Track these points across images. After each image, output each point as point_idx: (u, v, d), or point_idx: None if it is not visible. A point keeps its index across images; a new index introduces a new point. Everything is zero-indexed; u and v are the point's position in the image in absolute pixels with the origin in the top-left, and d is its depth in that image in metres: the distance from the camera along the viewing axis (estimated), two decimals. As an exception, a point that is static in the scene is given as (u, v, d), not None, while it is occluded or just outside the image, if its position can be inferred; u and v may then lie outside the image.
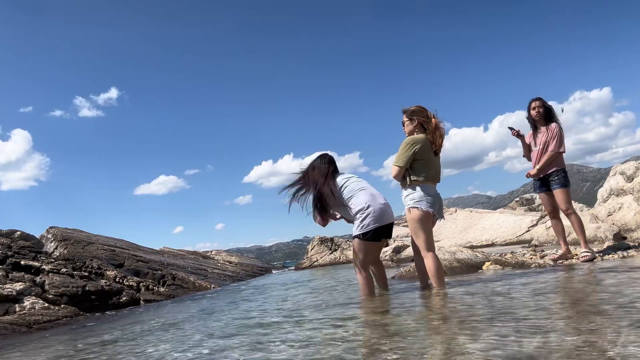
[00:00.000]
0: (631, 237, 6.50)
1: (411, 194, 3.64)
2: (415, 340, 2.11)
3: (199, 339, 2.97)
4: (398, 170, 3.66)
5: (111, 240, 11.59)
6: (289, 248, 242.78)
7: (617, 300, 2.41)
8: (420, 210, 3.58)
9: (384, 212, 3.61)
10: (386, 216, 3.62)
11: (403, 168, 3.65)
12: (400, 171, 3.66)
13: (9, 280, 6.02)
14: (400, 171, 3.66)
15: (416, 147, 3.61)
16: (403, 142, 3.69)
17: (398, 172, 3.67)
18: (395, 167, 3.68)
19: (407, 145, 3.64)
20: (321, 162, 3.86)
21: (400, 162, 3.65)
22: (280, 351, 2.22)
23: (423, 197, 3.60)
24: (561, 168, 4.84)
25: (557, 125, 4.85)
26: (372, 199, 3.62)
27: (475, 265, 5.04)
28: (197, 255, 15.20)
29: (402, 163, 3.63)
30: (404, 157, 3.63)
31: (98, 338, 3.77)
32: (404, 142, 3.68)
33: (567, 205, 4.79)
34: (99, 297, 6.45)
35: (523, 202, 15.71)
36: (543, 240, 8.86)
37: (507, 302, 2.73)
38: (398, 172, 3.67)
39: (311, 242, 16.53)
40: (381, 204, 3.62)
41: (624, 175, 7.48)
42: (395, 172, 3.68)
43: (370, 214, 3.55)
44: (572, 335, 1.81)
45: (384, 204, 3.67)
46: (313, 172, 3.82)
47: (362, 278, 3.71)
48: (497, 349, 1.72)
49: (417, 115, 3.74)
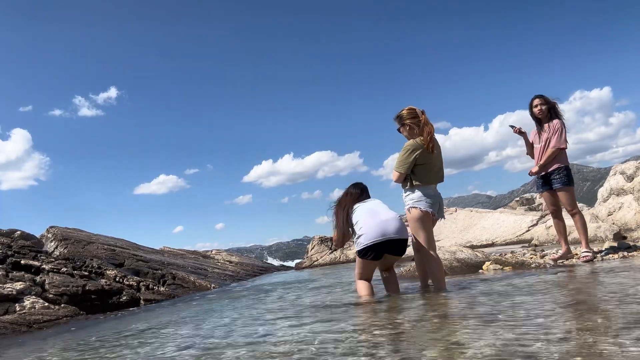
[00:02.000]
0: (631, 236, 6.50)
1: (410, 194, 3.67)
2: (415, 340, 2.11)
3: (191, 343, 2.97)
4: (399, 176, 3.68)
5: (111, 239, 11.59)
6: (289, 248, 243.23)
7: (617, 300, 2.41)
8: (419, 210, 3.60)
9: (381, 229, 3.51)
10: (385, 231, 3.50)
11: (404, 174, 3.66)
12: (401, 177, 3.68)
13: (9, 279, 6.02)
14: (401, 177, 3.68)
15: (416, 153, 3.60)
16: (404, 146, 3.69)
17: (399, 177, 3.69)
18: (396, 172, 3.69)
19: (407, 152, 3.63)
20: (353, 189, 3.95)
21: (401, 169, 3.65)
22: (280, 351, 2.22)
23: (422, 197, 3.62)
24: (564, 165, 4.73)
25: (559, 122, 4.76)
26: (370, 216, 3.60)
27: (476, 265, 5.04)
28: (197, 255, 15.20)
29: (404, 170, 3.64)
30: (405, 163, 3.63)
31: (97, 338, 3.77)
32: (404, 147, 3.67)
33: (573, 206, 4.71)
34: (99, 296, 6.45)
35: (523, 201, 15.72)
36: (543, 240, 8.85)
37: (507, 302, 2.72)
38: (399, 178, 3.69)
39: (311, 242, 16.54)
40: (381, 220, 3.55)
41: (624, 175, 7.48)
42: (396, 177, 3.70)
43: (364, 232, 3.54)
44: (572, 335, 1.81)
45: (384, 220, 3.56)
46: (345, 198, 3.90)
47: (357, 284, 3.79)
48: (497, 348, 1.72)
49: (406, 118, 3.74)
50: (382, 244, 3.51)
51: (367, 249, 3.51)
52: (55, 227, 10.66)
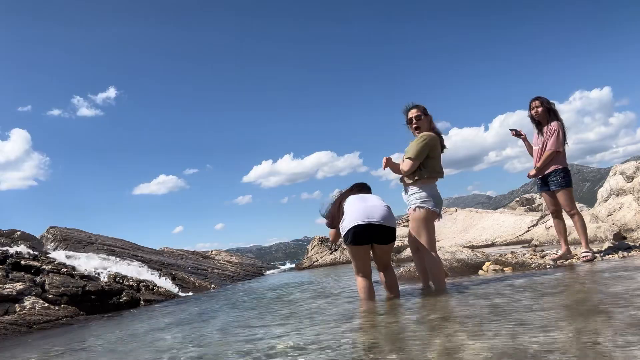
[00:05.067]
0: (631, 237, 6.50)
1: (418, 192, 3.60)
2: (416, 340, 2.11)
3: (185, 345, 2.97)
4: (412, 164, 3.59)
5: (111, 240, 11.59)
6: (289, 248, 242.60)
7: (617, 300, 2.40)
8: (426, 209, 3.56)
9: (366, 212, 3.33)
10: (369, 216, 3.31)
11: (417, 163, 3.59)
12: (414, 165, 3.59)
13: (9, 280, 6.02)
14: (415, 165, 3.59)
15: (432, 144, 3.60)
16: (420, 136, 3.66)
17: (412, 165, 3.59)
18: (410, 160, 3.60)
19: (423, 141, 3.60)
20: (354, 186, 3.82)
21: (416, 156, 3.57)
22: (279, 351, 2.22)
23: (428, 197, 3.58)
24: (562, 167, 4.75)
25: (557, 124, 4.77)
26: (358, 200, 3.46)
27: (476, 265, 5.04)
28: (197, 255, 15.20)
29: (419, 158, 3.58)
30: (420, 152, 3.58)
31: (94, 338, 3.77)
32: (421, 136, 3.64)
33: (571, 206, 4.73)
34: (99, 297, 6.45)
35: (523, 202, 15.72)
36: (543, 240, 8.86)
37: (507, 302, 2.72)
38: (412, 166, 3.59)
39: (311, 242, 16.54)
40: (367, 205, 3.39)
41: (624, 175, 7.48)
42: (410, 165, 3.59)
43: (348, 216, 3.38)
44: (572, 336, 1.81)
45: (371, 206, 3.39)
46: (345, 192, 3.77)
47: (357, 283, 3.61)
48: (497, 349, 1.72)
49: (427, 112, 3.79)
50: (365, 228, 3.29)
51: (348, 231, 3.32)
52: (55, 228, 10.66)
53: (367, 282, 3.53)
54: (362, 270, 3.51)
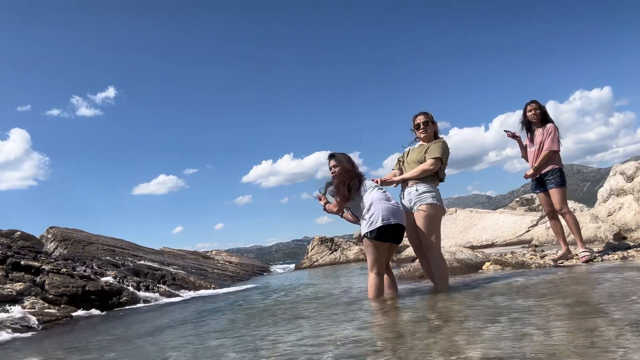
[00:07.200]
0: (631, 237, 6.50)
1: (430, 191, 3.70)
2: (416, 340, 2.11)
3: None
4: (437, 164, 3.73)
5: (111, 240, 11.59)
6: (289, 248, 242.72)
7: (617, 300, 2.40)
8: (440, 207, 3.69)
9: (393, 211, 3.53)
10: (395, 215, 3.53)
11: (440, 163, 3.75)
12: (438, 165, 3.74)
13: (9, 280, 6.02)
14: (439, 165, 3.74)
15: (449, 150, 3.83)
16: (438, 141, 3.85)
17: (437, 165, 3.73)
18: (437, 160, 3.73)
19: (446, 147, 3.82)
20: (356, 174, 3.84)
21: (443, 156, 3.76)
22: (280, 351, 2.22)
23: (440, 196, 3.74)
24: (558, 167, 4.84)
25: (552, 125, 4.90)
26: (383, 197, 3.61)
27: (476, 265, 5.04)
28: (197, 255, 15.20)
29: (445, 158, 3.78)
30: (445, 154, 3.78)
31: (94, 338, 3.77)
32: (440, 141, 3.84)
33: (562, 205, 4.80)
34: (99, 297, 6.45)
35: (523, 202, 15.71)
36: (543, 241, 8.85)
37: (507, 303, 2.72)
38: (437, 166, 3.73)
39: (311, 242, 16.54)
40: (391, 205, 3.58)
41: (624, 175, 7.48)
42: (437, 166, 3.73)
43: (378, 211, 3.50)
44: (572, 336, 1.81)
45: (396, 205, 3.61)
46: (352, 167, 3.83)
47: (370, 279, 3.63)
48: (497, 349, 1.72)
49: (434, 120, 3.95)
50: (393, 227, 3.51)
51: (378, 228, 3.46)
52: (55, 228, 10.66)
53: (380, 280, 3.62)
54: (378, 267, 3.61)
